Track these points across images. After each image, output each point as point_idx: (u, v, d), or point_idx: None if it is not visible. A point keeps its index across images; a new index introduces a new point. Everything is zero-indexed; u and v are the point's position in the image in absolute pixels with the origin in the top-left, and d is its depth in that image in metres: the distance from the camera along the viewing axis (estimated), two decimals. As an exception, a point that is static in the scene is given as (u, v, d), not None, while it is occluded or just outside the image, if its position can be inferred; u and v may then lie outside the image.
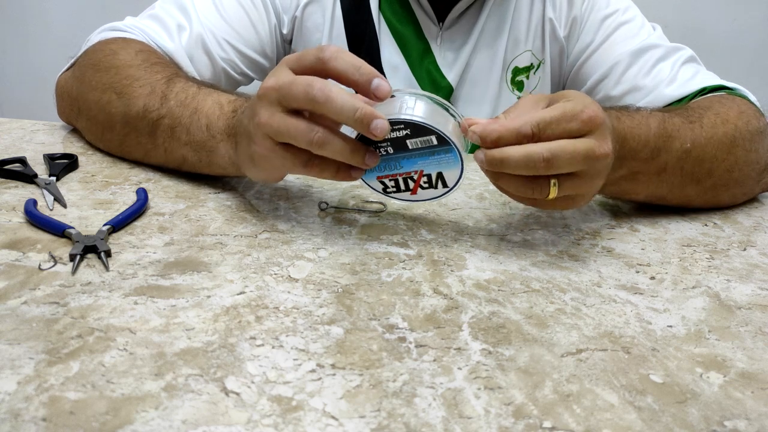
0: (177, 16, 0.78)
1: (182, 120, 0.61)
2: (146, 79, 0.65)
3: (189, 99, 0.62)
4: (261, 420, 0.33)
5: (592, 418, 0.35)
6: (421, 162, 0.51)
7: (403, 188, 0.54)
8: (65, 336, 0.39)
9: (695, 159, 0.62)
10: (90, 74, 0.70)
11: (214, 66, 0.81)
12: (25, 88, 2.26)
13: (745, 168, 0.66)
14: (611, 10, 0.85)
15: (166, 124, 0.62)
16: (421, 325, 0.42)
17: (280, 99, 0.48)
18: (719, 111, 0.66)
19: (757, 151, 0.67)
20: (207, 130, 0.60)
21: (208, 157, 0.61)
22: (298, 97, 0.47)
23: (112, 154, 0.71)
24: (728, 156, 0.64)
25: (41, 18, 2.20)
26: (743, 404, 0.37)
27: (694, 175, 0.63)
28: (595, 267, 0.53)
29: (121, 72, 0.67)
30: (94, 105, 0.68)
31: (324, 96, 0.46)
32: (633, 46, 0.82)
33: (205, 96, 0.62)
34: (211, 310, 0.42)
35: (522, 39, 0.88)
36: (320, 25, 0.87)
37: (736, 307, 0.48)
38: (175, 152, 0.63)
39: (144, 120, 0.63)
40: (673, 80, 0.77)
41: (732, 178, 0.65)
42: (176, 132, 0.62)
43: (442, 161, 0.50)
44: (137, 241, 0.52)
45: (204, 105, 0.61)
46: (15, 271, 0.46)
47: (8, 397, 0.33)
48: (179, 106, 0.62)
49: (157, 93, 0.63)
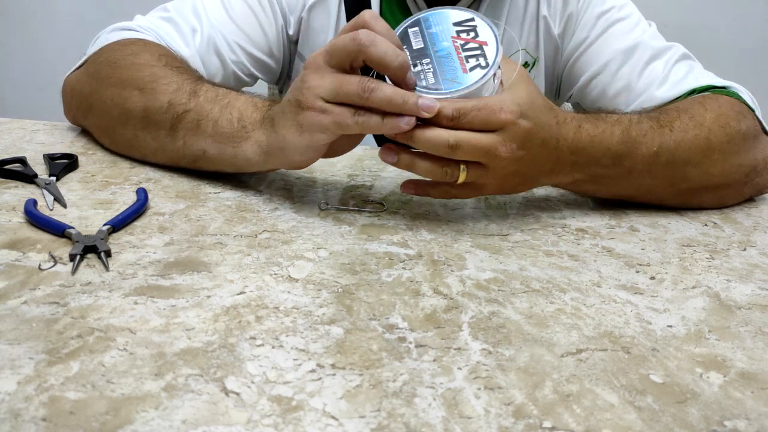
0: (190, 19, 0.79)
1: (211, 114, 0.62)
2: (172, 77, 0.66)
3: (220, 96, 0.63)
4: (261, 420, 0.33)
5: (592, 418, 0.35)
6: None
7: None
8: (65, 336, 0.39)
9: (665, 163, 0.62)
10: (108, 71, 0.70)
11: (225, 69, 0.81)
12: (26, 88, 2.26)
13: (727, 171, 0.65)
14: (607, 6, 0.85)
15: (191, 117, 0.63)
16: (421, 325, 0.42)
17: (329, 59, 0.52)
18: (695, 114, 0.66)
19: (738, 153, 0.66)
20: (238, 122, 0.60)
21: (234, 149, 0.61)
22: (346, 48, 0.51)
23: (115, 153, 0.71)
24: (704, 159, 0.64)
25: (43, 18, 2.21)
26: (743, 404, 0.37)
27: (666, 179, 0.64)
28: (595, 267, 0.53)
29: (144, 70, 0.67)
30: (109, 101, 0.69)
31: (369, 39, 0.50)
32: (627, 43, 0.82)
33: (237, 95, 0.64)
34: (211, 310, 0.42)
35: (516, 38, 0.89)
36: (325, 26, 0.88)
37: (736, 307, 0.48)
38: (194, 145, 0.63)
39: (167, 114, 0.64)
40: (665, 80, 0.77)
41: (712, 182, 0.65)
42: (202, 125, 0.62)
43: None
44: (137, 241, 0.52)
45: (237, 101, 0.62)
46: (15, 271, 0.46)
47: (8, 397, 0.33)
48: (209, 102, 0.63)
49: (185, 89, 0.64)
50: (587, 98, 0.86)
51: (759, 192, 0.72)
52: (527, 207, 0.65)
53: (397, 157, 0.54)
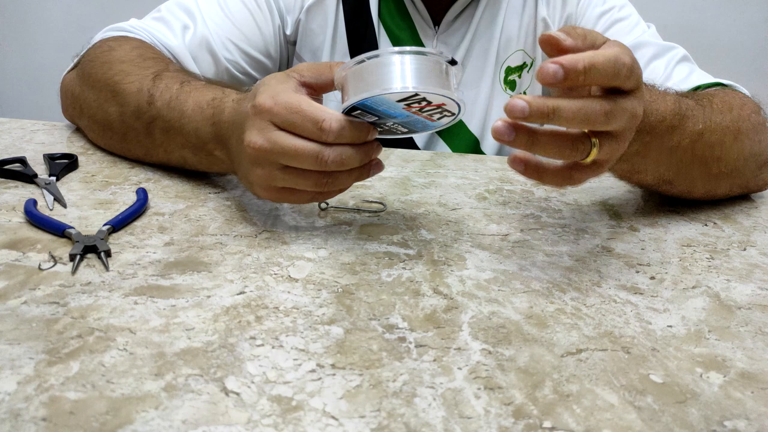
0: (182, 17, 0.79)
1: (173, 123, 0.60)
2: (136, 74, 0.65)
3: (173, 101, 0.61)
4: (261, 420, 0.33)
5: (592, 418, 0.35)
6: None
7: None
8: (65, 336, 0.39)
9: (706, 142, 0.60)
10: (87, 70, 0.70)
11: (218, 66, 0.81)
12: (25, 88, 2.26)
13: (749, 158, 0.65)
14: (607, 6, 0.86)
15: (159, 126, 0.62)
16: (421, 325, 0.42)
17: (281, 122, 0.48)
18: (725, 99, 0.66)
19: (760, 142, 0.67)
20: (197, 136, 0.59)
21: (208, 159, 0.60)
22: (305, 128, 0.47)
23: (114, 153, 0.71)
24: (735, 143, 0.63)
25: (41, 18, 2.20)
26: (743, 404, 0.37)
27: (703, 159, 0.61)
28: (595, 267, 0.53)
29: (114, 67, 0.67)
30: (93, 103, 0.69)
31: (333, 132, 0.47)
32: (628, 42, 0.81)
33: (186, 97, 0.60)
34: (211, 310, 0.42)
35: (513, 38, 0.89)
36: (323, 27, 0.88)
37: (736, 307, 0.48)
38: (174, 153, 0.63)
39: (139, 120, 0.63)
40: (668, 79, 0.78)
41: (736, 168, 0.65)
42: (171, 134, 0.61)
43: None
44: (137, 241, 0.52)
45: (186, 108, 0.60)
46: (15, 271, 0.46)
47: (8, 397, 0.33)
48: (166, 108, 0.61)
49: (144, 92, 0.63)
50: None
51: (760, 188, 0.72)
52: (527, 207, 0.65)
53: (515, 134, 0.42)
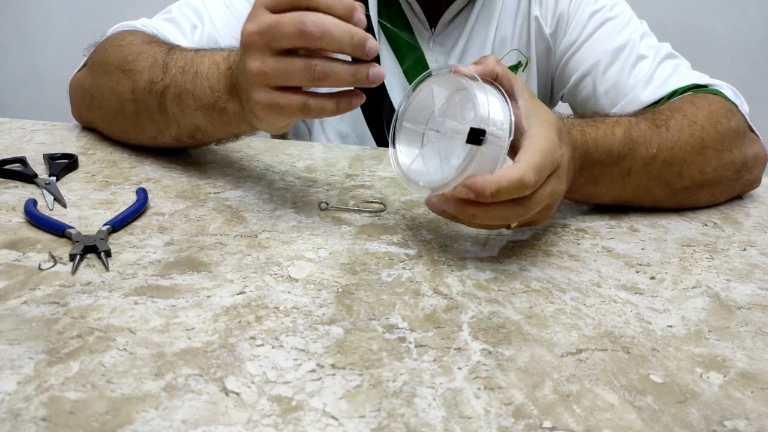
0: (191, 17, 0.80)
1: (186, 86, 0.61)
2: (148, 52, 0.66)
3: (188, 64, 0.62)
4: (261, 420, 0.33)
5: (592, 418, 0.35)
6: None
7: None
8: (65, 336, 0.39)
9: (662, 162, 0.63)
10: (99, 59, 0.72)
11: None
12: (26, 88, 2.26)
13: (719, 168, 0.66)
14: (599, 6, 0.85)
15: (172, 93, 0.62)
16: (421, 325, 0.42)
17: (269, 42, 0.47)
18: (688, 113, 0.67)
19: (730, 150, 0.67)
20: (211, 92, 0.59)
21: (220, 118, 0.60)
22: (290, 35, 0.46)
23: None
24: (698, 158, 0.64)
25: (42, 18, 2.21)
26: (743, 404, 0.37)
27: (662, 178, 0.64)
28: (595, 267, 0.53)
29: (125, 49, 0.68)
30: (105, 89, 0.70)
31: (319, 30, 0.45)
32: (616, 43, 0.82)
33: (201, 58, 0.62)
34: (211, 310, 0.42)
35: (508, 38, 0.89)
36: None
37: (736, 307, 0.48)
38: (186, 121, 0.63)
39: (151, 93, 0.64)
40: (650, 80, 0.78)
41: (705, 180, 0.66)
42: (184, 99, 0.61)
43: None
44: (137, 241, 0.52)
45: (202, 67, 0.60)
46: (15, 271, 0.46)
47: (8, 397, 0.33)
48: (181, 73, 0.62)
49: (158, 63, 0.64)
50: (577, 98, 0.87)
51: (748, 188, 0.72)
52: (527, 207, 0.65)
53: (454, 207, 0.48)
